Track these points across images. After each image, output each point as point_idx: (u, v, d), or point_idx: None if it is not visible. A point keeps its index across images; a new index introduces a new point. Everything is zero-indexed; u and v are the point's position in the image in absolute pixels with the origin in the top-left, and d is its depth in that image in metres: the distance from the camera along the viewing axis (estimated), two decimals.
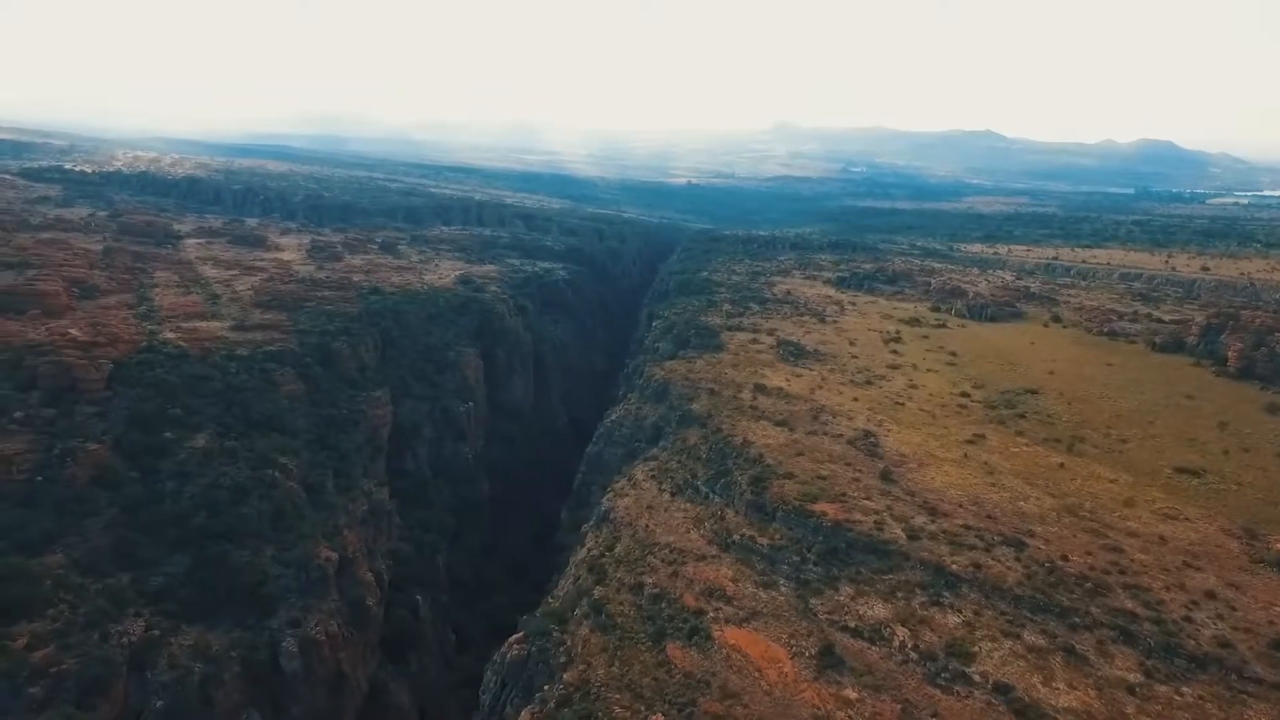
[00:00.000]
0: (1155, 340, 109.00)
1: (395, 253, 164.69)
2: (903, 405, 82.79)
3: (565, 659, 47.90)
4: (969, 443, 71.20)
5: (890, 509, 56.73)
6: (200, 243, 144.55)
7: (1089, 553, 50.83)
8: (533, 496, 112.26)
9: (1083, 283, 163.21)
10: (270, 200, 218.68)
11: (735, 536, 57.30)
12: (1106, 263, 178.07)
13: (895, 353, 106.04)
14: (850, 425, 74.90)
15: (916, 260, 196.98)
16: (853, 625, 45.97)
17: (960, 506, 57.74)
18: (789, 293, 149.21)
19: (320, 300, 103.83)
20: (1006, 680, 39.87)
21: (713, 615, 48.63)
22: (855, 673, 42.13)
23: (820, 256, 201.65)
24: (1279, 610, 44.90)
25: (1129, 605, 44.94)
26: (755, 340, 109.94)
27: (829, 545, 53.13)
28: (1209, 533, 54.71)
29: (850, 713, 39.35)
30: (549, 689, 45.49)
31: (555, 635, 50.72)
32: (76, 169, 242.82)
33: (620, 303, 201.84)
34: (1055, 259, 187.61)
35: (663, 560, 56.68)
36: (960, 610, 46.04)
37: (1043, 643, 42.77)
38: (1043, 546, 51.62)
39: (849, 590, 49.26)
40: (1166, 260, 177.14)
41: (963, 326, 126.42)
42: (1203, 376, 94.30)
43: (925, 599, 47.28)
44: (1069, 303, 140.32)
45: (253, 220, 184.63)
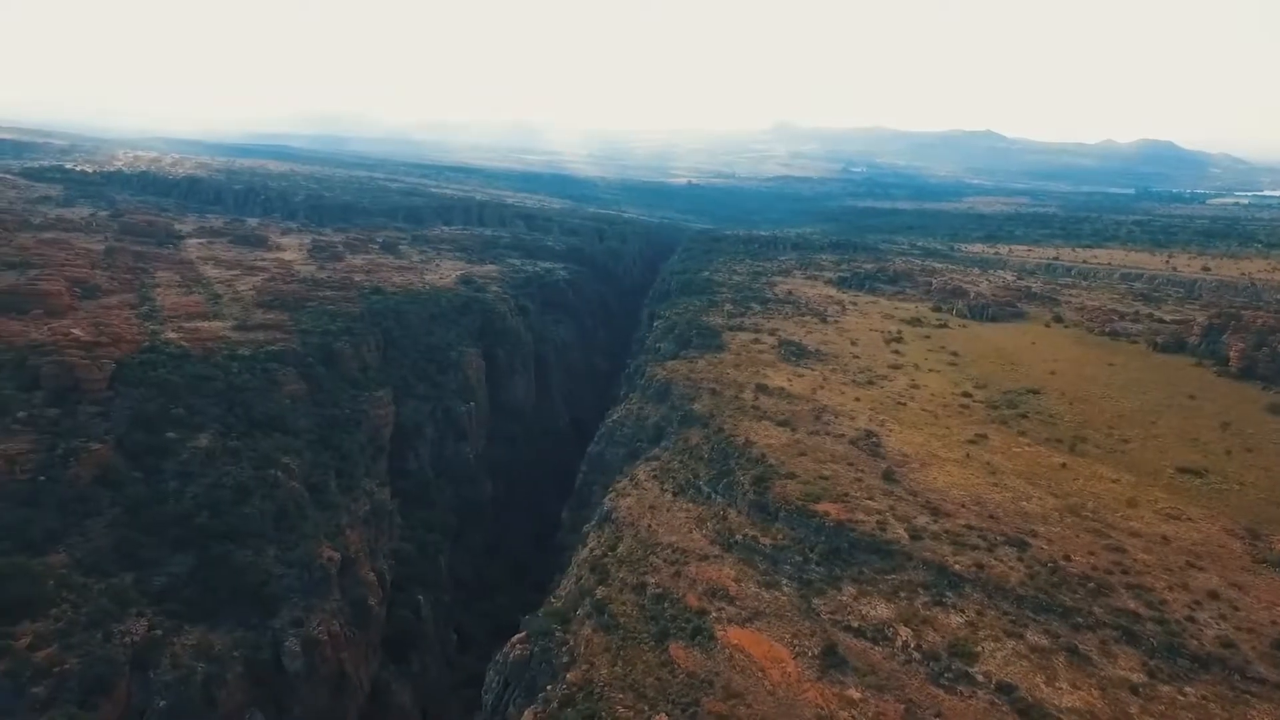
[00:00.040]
0: (1157, 340, 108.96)
1: (396, 253, 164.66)
2: (904, 405, 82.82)
3: (568, 659, 47.93)
4: (971, 443, 71.27)
5: (893, 509, 56.79)
6: (201, 243, 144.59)
7: (1092, 553, 50.88)
8: (534, 496, 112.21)
9: (1084, 283, 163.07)
10: (271, 200, 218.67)
11: (738, 536, 57.31)
12: (1107, 263, 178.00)
13: (897, 353, 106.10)
14: (852, 425, 74.95)
15: (917, 260, 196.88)
16: (855, 625, 46.00)
17: (962, 506, 57.79)
18: (790, 293, 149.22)
19: (322, 300, 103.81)
20: (1010, 680, 39.92)
21: (715, 615, 48.65)
22: (858, 673, 42.16)
23: (821, 256, 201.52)
24: None
25: (1132, 605, 45.01)
26: (757, 340, 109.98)
27: (831, 545, 53.19)
28: (1211, 533, 54.75)
29: (854, 713, 39.37)
30: (552, 689, 45.50)
31: (558, 635, 50.76)
32: (77, 169, 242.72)
33: (621, 303, 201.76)
34: (1056, 259, 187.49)
35: (665, 560, 56.70)
36: (963, 610, 46.08)
37: (1046, 643, 42.82)
38: (1045, 546, 51.67)
39: (852, 590, 49.29)
40: (1167, 260, 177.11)
41: (964, 326, 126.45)
42: (1204, 376, 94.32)
43: (928, 599, 47.32)
44: (1070, 303, 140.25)
45: (254, 220, 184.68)
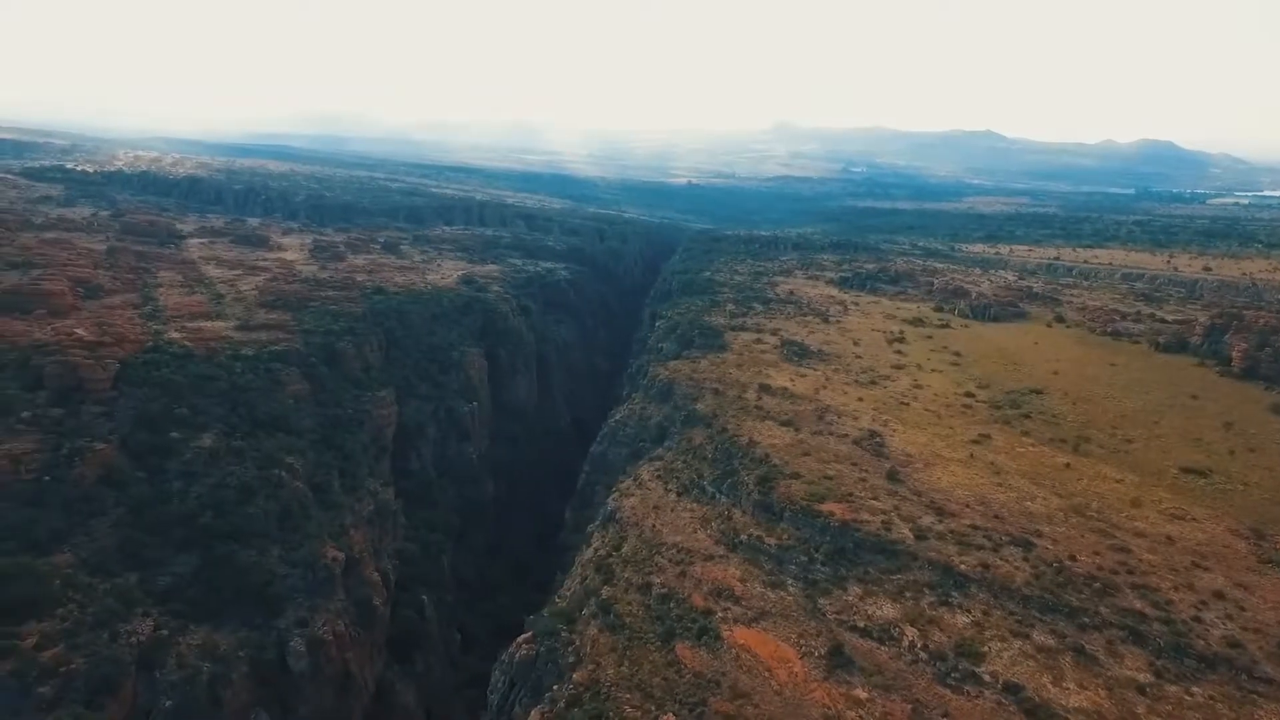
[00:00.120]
0: (1159, 340, 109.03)
1: (398, 252, 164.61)
2: (908, 405, 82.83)
3: (574, 659, 47.87)
4: (975, 443, 71.29)
5: (897, 509, 56.79)
6: (203, 242, 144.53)
7: (1097, 553, 50.89)
8: (536, 496, 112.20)
9: (1085, 283, 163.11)
10: (272, 200, 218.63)
11: (743, 536, 57.28)
12: (1108, 263, 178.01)
13: (899, 353, 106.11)
14: (855, 425, 74.96)
15: (918, 260, 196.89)
16: (862, 625, 45.98)
17: (967, 506, 57.79)
18: (792, 293, 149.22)
19: (324, 300, 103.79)
20: (1016, 680, 39.91)
21: (721, 615, 48.60)
22: (865, 672, 42.13)
23: (822, 256, 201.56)
24: None
25: (1138, 605, 45.03)
26: (759, 340, 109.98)
27: (837, 545, 53.19)
28: (1216, 533, 54.78)
29: (861, 712, 39.35)
30: (558, 689, 45.46)
31: (564, 635, 50.72)
32: (78, 169, 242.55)
33: (622, 303, 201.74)
34: (1057, 259, 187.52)
35: (670, 560, 56.66)
36: (969, 610, 46.07)
37: (1052, 643, 42.82)
38: (1050, 546, 51.68)
39: (857, 590, 49.28)
40: (1168, 260, 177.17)
41: (966, 326, 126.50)
42: (1207, 377, 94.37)
43: (934, 599, 47.31)
44: (1072, 303, 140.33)
45: (255, 220, 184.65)
